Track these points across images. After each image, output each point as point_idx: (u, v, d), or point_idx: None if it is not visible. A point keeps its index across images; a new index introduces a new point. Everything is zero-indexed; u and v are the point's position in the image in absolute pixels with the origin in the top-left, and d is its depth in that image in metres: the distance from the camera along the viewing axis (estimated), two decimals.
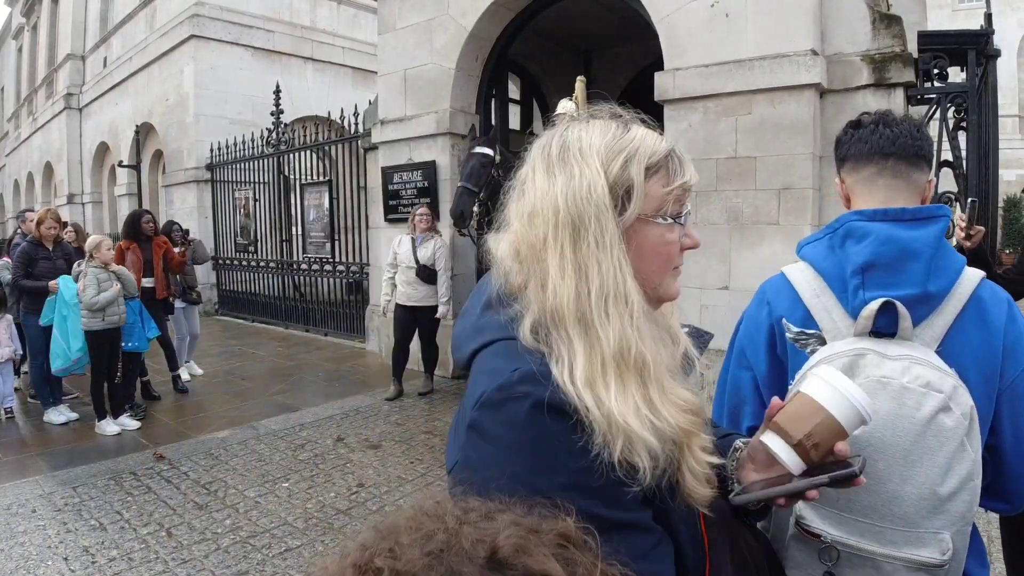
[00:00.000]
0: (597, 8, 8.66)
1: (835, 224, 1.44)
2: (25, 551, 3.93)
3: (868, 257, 1.34)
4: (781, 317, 1.48)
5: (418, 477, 4.93)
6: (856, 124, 1.54)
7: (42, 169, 24.47)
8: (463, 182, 6.07)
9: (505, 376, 0.88)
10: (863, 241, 1.36)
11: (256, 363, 9.13)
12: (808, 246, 1.51)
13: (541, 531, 0.60)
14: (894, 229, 1.34)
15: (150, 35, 16.50)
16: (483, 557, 0.55)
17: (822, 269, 1.44)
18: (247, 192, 12.79)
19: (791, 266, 1.53)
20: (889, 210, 1.38)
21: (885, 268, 1.33)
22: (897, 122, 1.47)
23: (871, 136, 1.48)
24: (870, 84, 5.45)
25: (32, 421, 6.64)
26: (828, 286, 1.42)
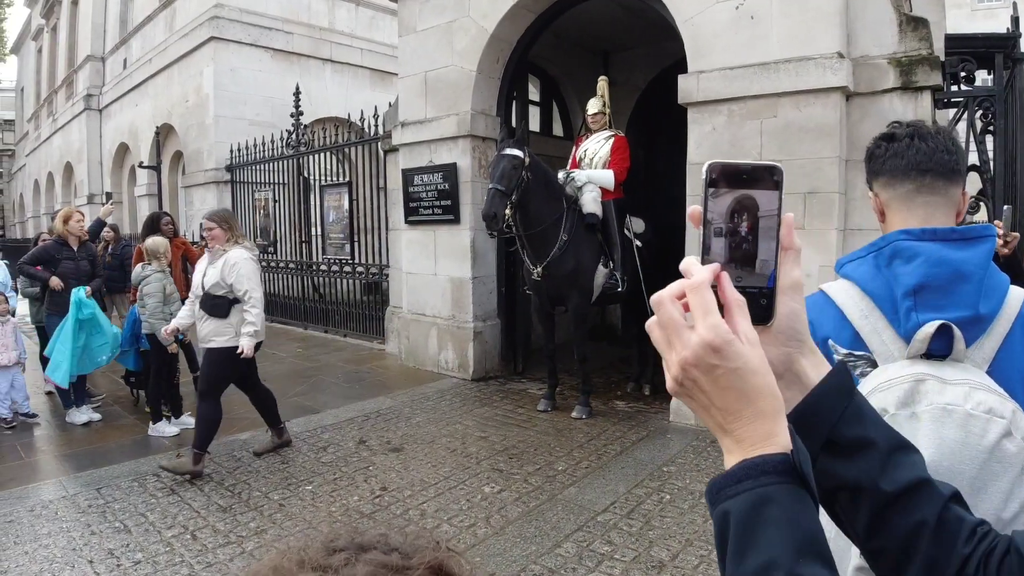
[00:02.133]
0: (618, 10, 8.62)
1: (880, 243, 1.41)
2: (49, 553, 3.95)
3: (920, 279, 1.32)
4: (827, 338, 1.44)
5: (441, 480, 4.93)
6: (890, 137, 1.51)
7: (62, 169, 24.67)
8: (495, 183, 6.05)
9: None
10: (913, 262, 1.33)
11: (276, 364, 9.15)
12: (850, 264, 1.48)
13: (410, 568, 0.58)
14: (944, 250, 1.32)
15: (170, 37, 16.62)
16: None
17: (869, 289, 1.41)
18: (267, 193, 12.86)
19: (832, 284, 1.50)
20: (938, 229, 1.35)
21: (937, 290, 1.30)
22: (932, 135, 1.45)
23: (906, 151, 1.45)
24: (897, 87, 5.40)
25: (55, 422, 6.69)
26: (877, 307, 1.39)
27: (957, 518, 0.76)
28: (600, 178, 6.72)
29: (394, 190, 9.22)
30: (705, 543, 3.92)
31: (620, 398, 7.17)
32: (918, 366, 1.28)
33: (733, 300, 0.69)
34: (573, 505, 4.48)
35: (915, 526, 0.75)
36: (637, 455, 5.44)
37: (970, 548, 0.74)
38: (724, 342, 0.65)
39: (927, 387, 1.25)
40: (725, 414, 0.67)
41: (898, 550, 0.76)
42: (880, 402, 1.27)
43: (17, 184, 35.94)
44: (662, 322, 0.70)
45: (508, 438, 5.87)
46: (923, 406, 1.23)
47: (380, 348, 9.91)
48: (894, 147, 1.47)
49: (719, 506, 0.66)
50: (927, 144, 1.43)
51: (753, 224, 0.72)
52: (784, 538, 0.61)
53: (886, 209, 1.51)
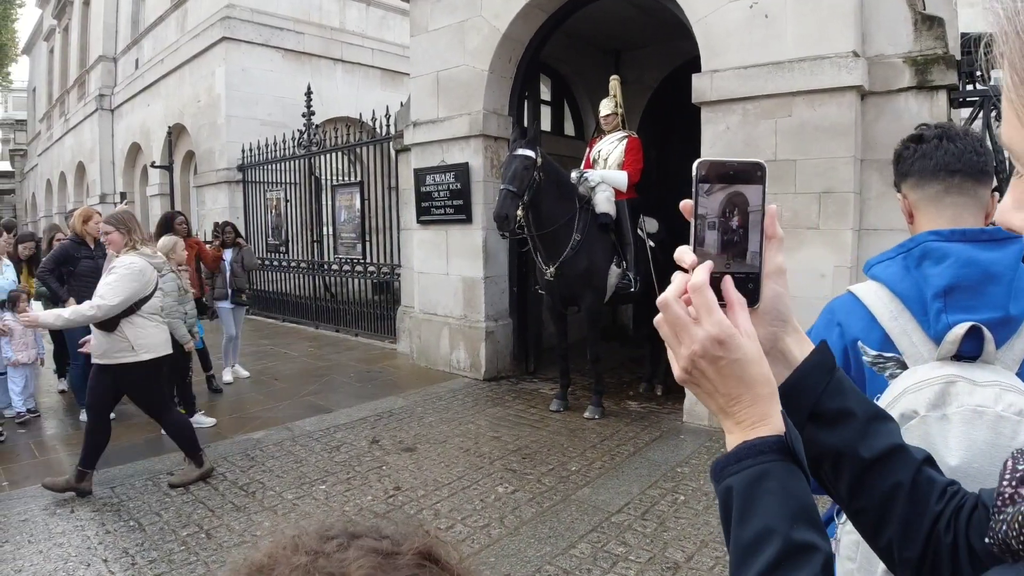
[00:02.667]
0: (630, 9, 8.61)
1: (909, 244, 1.41)
2: (64, 552, 3.96)
3: (950, 280, 1.31)
4: (856, 340, 1.44)
5: (454, 480, 4.92)
6: (918, 138, 1.51)
7: (74, 169, 24.82)
8: (506, 184, 6.03)
9: None
10: (942, 263, 1.33)
11: (288, 363, 9.19)
12: (879, 265, 1.47)
13: (399, 553, 0.61)
14: (974, 251, 1.32)
15: (181, 37, 16.69)
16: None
17: (899, 290, 1.40)
18: (278, 193, 12.90)
19: (860, 286, 1.50)
20: (967, 231, 1.35)
21: (967, 291, 1.30)
22: (960, 136, 1.45)
23: (935, 152, 1.45)
24: (912, 86, 5.37)
25: (68, 420, 6.72)
26: (906, 308, 1.38)
27: (929, 479, 0.83)
28: (614, 179, 6.70)
29: (406, 190, 9.23)
30: (720, 545, 3.90)
31: (632, 398, 7.15)
32: (948, 368, 1.27)
33: (735, 299, 0.77)
34: (587, 506, 4.47)
35: (891, 487, 0.82)
36: (650, 456, 5.42)
37: (941, 505, 0.81)
38: (728, 336, 0.74)
39: (957, 389, 1.24)
40: (727, 399, 0.76)
41: (877, 509, 0.83)
42: (911, 404, 1.26)
43: (29, 184, 36.16)
44: (669, 320, 0.78)
45: (521, 438, 5.86)
46: (953, 408, 1.23)
47: (391, 347, 9.93)
48: (922, 148, 1.47)
49: (723, 482, 0.74)
50: (956, 145, 1.43)
51: (743, 219, 0.79)
52: (780, 507, 0.70)
53: (914, 210, 1.50)
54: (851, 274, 5.38)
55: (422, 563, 0.61)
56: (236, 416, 6.72)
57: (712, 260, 0.78)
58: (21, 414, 6.70)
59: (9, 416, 6.72)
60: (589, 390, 6.85)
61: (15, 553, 3.93)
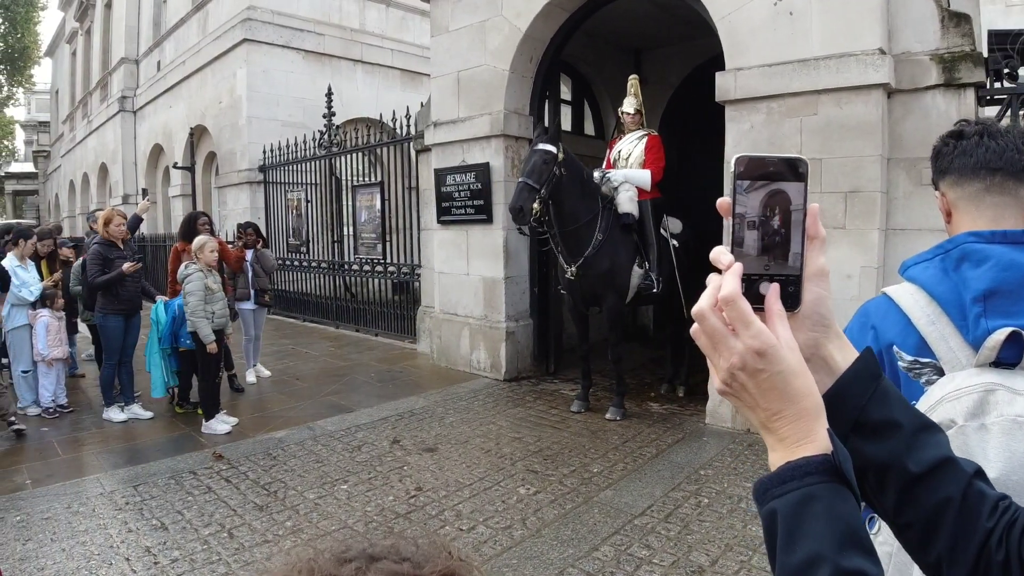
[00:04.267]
0: (650, 7, 8.56)
1: (947, 245, 1.36)
2: (87, 551, 3.98)
3: (990, 284, 1.26)
4: (891, 344, 1.39)
5: (476, 482, 4.90)
6: (958, 135, 1.45)
7: (97, 170, 25.10)
8: (524, 177, 6.01)
9: None
10: (982, 266, 1.28)
11: (309, 363, 9.22)
12: (916, 267, 1.42)
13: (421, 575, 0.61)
14: (1015, 253, 1.27)
15: (203, 39, 16.82)
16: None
17: (936, 294, 1.35)
18: (299, 193, 12.97)
19: (897, 288, 1.45)
20: (1008, 232, 1.30)
21: (1008, 295, 1.25)
22: (1002, 134, 1.39)
23: (976, 149, 1.39)
24: (939, 84, 5.29)
25: (91, 419, 6.77)
26: (944, 312, 1.33)
27: (980, 493, 0.79)
28: (637, 178, 6.65)
29: (426, 190, 9.23)
30: (745, 548, 3.85)
31: (654, 399, 7.10)
32: (987, 375, 1.22)
33: (775, 310, 0.74)
34: (609, 508, 4.43)
35: (941, 502, 0.78)
36: (673, 458, 5.37)
37: (993, 522, 0.78)
38: (768, 347, 0.71)
39: (997, 397, 1.19)
40: (769, 413, 0.73)
41: (925, 524, 0.79)
42: (948, 413, 1.22)
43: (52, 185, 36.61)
44: (707, 331, 0.75)
45: (542, 439, 5.84)
46: (992, 417, 1.18)
47: (411, 347, 9.93)
48: (962, 145, 1.42)
49: (766, 505, 0.71)
50: (997, 143, 1.38)
51: (785, 218, 0.75)
52: (828, 531, 0.66)
53: (953, 209, 1.45)
54: (878, 275, 5.30)
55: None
56: (258, 415, 6.74)
57: (751, 262, 0.75)
58: (51, 411, 6.82)
59: (34, 415, 6.79)
60: (610, 391, 6.80)
61: (38, 551, 3.96)
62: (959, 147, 1.43)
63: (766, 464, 0.73)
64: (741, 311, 0.72)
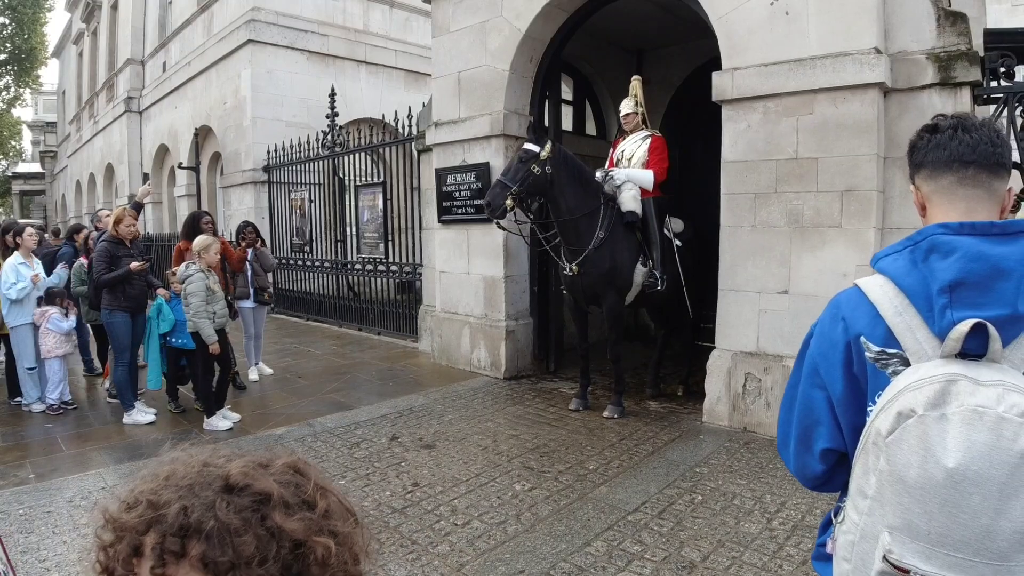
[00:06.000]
0: (651, 8, 8.59)
1: (917, 236, 1.37)
2: (87, 543, 3.99)
3: (956, 275, 1.27)
4: (859, 335, 1.41)
5: (472, 477, 4.94)
6: (933, 128, 1.46)
7: (103, 170, 25.22)
8: (500, 175, 6.19)
9: None
10: (950, 257, 1.29)
11: (311, 361, 9.27)
12: (886, 259, 1.43)
13: (271, 464, 0.83)
14: (983, 245, 1.28)
15: (208, 40, 16.90)
16: (218, 485, 0.77)
17: (904, 285, 1.36)
18: (303, 193, 13.04)
19: (867, 279, 1.46)
20: (977, 224, 1.31)
21: (974, 287, 1.26)
22: (976, 127, 1.41)
23: (950, 142, 1.41)
24: (935, 83, 5.31)
25: (94, 416, 6.83)
26: (911, 303, 1.35)
27: None
28: (639, 178, 6.67)
29: (427, 190, 9.27)
30: (737, 544, 3.88)
31: (653, 398, 7.12)
32: (952, 366, 1.24)
33: None
34: (604, 504, 4.46)
35: None
36: (669, 455, 5.40)
37: None
38: None
39: (959, 388, 1.21)
40: None
41: None
42: (909, 402, 1.23)
43: (59, 185, 36.81)
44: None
45: (539, 436, 5.87)
46: (953, 408, 1.19)
47: (413, 346, 9.98)
48: (936, 138, 1.43)
49: None
50: (971, 136, 1.39)
51: None
52: None
53: (927, 203, 1.47)
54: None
55: (288, 470, 0.83)
56: (259, 413, 6.80)
57: None
58: (55, 407, 6.86)
59: (39, 411, 6.85)
60: (609, 390, 6.83)
61: (39, 544, 4.01)
62: (933, 141, 1.44)
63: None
64: None
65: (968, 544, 1.18)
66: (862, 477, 1.34)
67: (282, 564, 0.74)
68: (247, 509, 0.75)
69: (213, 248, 6.33)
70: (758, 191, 5.88)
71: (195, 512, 0.73)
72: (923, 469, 1.20)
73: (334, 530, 0.80)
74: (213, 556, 0.71)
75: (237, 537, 0.72)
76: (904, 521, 1.23)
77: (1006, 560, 1.16)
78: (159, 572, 0.72)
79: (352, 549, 0.82)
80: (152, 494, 0.77)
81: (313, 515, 0.79)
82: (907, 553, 1.23)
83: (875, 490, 1.28)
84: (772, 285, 5.84)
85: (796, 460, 1.61)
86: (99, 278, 6.40)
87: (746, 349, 6.02)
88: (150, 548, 0.73)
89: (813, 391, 1.53)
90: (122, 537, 0.77)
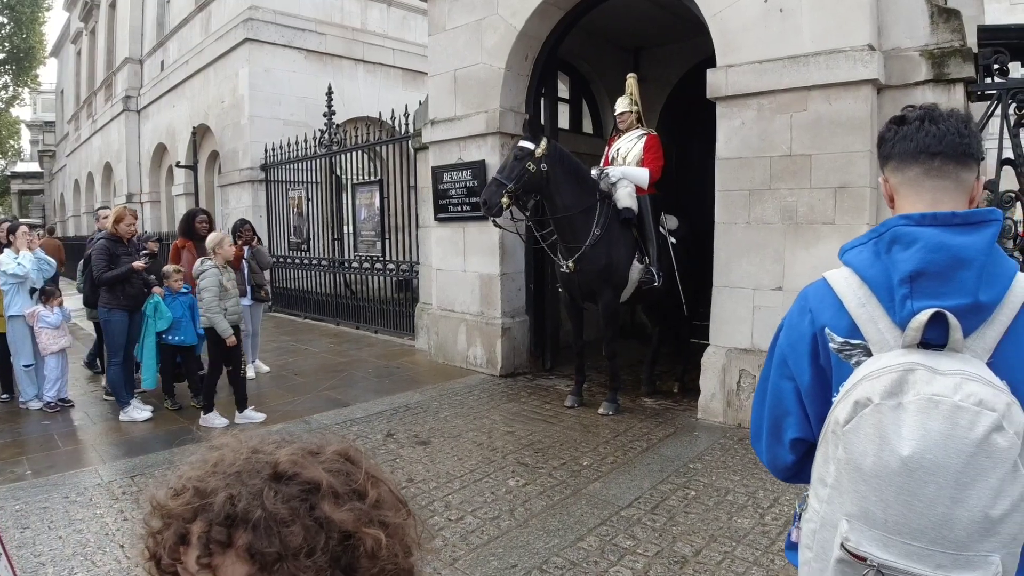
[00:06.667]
0: (647, 5, 8.60)
1: (880, 228, 1.38)
2: (83, 538, 4.05)
3: (917, 265, 1.28)
4: (824, 326, 1.42)
5: (466, 473, 4.96)
6: (900, 120, 1.46)
7: (102, 169, 25.25)
8: (496, 173, 6.21)
9: None
10: (911, 248, 1.30)
11: (308, 359, 9.29)
12: (852, 251, 1.44)
13: (321, 451, 0.81)
14: (944, 235, 1.29)
15: (205, 39, 16.91)
16: (267, 473, 0.75)
17: (867, 276, 1.38)
18: (300, 192, 13.05)
19: (834, 272, 1.47)
20: (939, 214, 1.31)
21: (935, 277, 1.27)
22: (944, 118, 1.40)
23: (916, 134, 1.41)
24: (929, 80, 5.32)
25: (91, 412, 6.84)
26: (874, 294, 1.36)
27: None
28: (634, 175, 6.69)
29: (424, 188, 9.29)
30: (729, 539, 3.90)
31: (648, 395, 7.14)
32: (912, 356, 1.25)
33: None
34: (597, 500, 4.48)
35: None
36: (663, 451, 5.42)
37: None
38: None
39: (916, 377, 1.22)
40: None
41: None
42: (866, 391, 1.24)
43: (58, 184, 36.80)
44: None
45: (534, 433, 5.89)
46: (910, 396, 1.20)
47: (410, 344, 9.99)
48: (904, 130, 1.43)
49: None
50: (938, 127, 1.39)
51: None
52: None
53: (895, 195, 1.47)
54: None
55: (340, 460, 0.81)
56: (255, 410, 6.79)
57: None
58: (52, 404, 6.87)
59: (36, 408, 6.87)
60: (605, 387, 6.85)
61: (35, 539, 4.03)
62: (900, 132, 1.44)
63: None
64: None
65: (925, 533, 1.19)
66: (822, 466, 1.35)
67: (330, 556, 0.72)
68: (295, 499, 0.74)
69: (227, 243, 6.33)
70: (752, 188, 5.89)
71: (242, 501, 0.73)
72: (879, 457, 1.21)
73: (384, 521, 0.79)
74: (260, 547, 0.70)
75: (284, 528, 0.71)
76: (861, 509, 1.24)
77: (964, 549, 1.17)
78: (205, 562, 0.71)
79: (403, 541, 0.81)
80: (199, 481, 0.76)
81: (363, 505, 0.78)
82: (864, 541, 1.25)
83: (834, 478, 1.30)
84: (766, 282, 5.85)
85: (768, 451, 1.63)
86: (99, 276, 6.41)
87: (740, 346, 6.03)
88: (196, 537, 0.73)
89: (782, 382, 1.55)
90: (169, 524, 0.76)
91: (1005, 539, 1.17)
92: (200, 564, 0.71)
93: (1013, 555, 1.19)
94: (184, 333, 6.64)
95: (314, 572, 0.71)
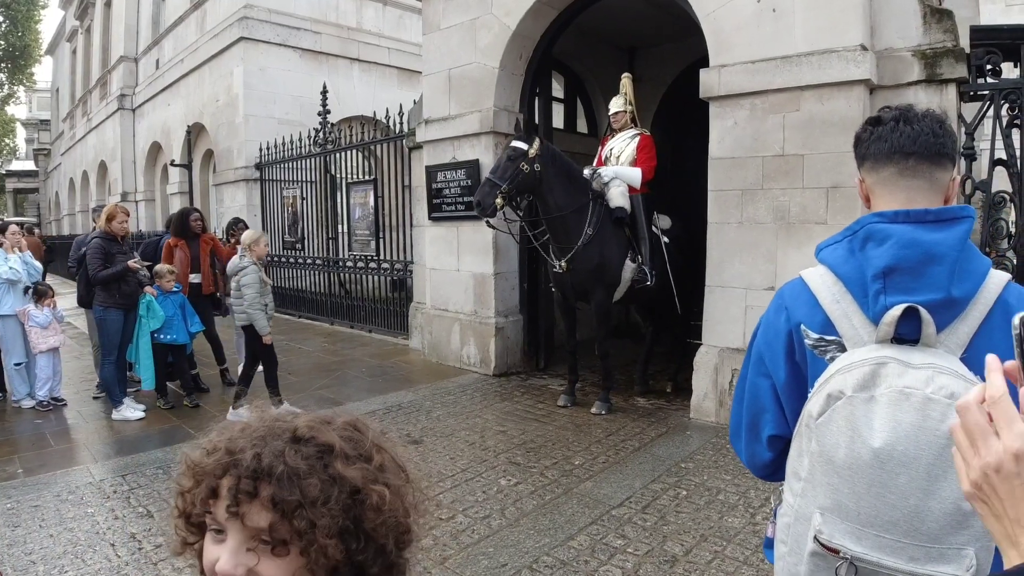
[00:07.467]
0: (642, 5, 8.61)
1: (855, 226, 1.40)
2: (73, 536, 4.05)
3: (889, 261, 1.30)
4: (800, 323, 1.44)
5: (458, 472, 4.96)
6: (876, 121, 1.48)
7: (96, 168, 25.19)
8: (489, 174, 6.20)
9: None
10: (884, 244, 1.31)
11: (302, 358, 9.28)
12: (827, 249, 1.46)
13: (332, 421, 0.94)
14: (916, 231, 1.30)
15: (200, 37, 16.87)
16: (287, 436, 0.88)
17: (841, 273, 1.39)
18: (295, 191, 13.02)
19: (810, 270, 1.49)
20: (911, 211, 1.33)
21: (907, 272, 1.28)
22: (918, 118, 1.42)
23: (891, 134, 1.42)
24: (921, 80, 5.33)
25: (83, 411, 6.83)
26: (848, 291, 1.38)
27: None
28: (627, 175, 6.69)
29: (418, 187, 9.28)
30: (720, 539, 3.90)
31: (641, 395, 7.14)
32: (884, 350, 1.26)
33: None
34: (588, 499, 4.48)
35: None
36: (655, 451, 5.43)
37: None
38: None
39: (888, 370, 1.23)
40: (1016, 525, 0.66)
41: None
42: (839, 384, 1.26)
43: (53, 182, 36.71)
44: (967, 427, 0.70)
45: (527, 432, 5.89)
46: (881, 389, 1.22)
47: (404, 343, 9.98)
48: (879, 131, 1.45)
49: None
50: (912, 127, 1.40)
51: None
52: None
53: (871, 194, 1.49)
54: None
55: (350, 428, 0.94)
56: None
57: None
58: (45, 403, 6.85)
59: (28, 407, 6.85)
60: (598, 386, 6.85)
61: (26, 537, 4.03)
62: (875, 133, 1.45)
63: None
64: (1007, 410, 0.67)
65: (897, 525, 1.19)
66: (796, 459, 1.36)
67: (342, 507, 0.84)
68: (312, 457, 0.86)
69: (263, 241, 6.35)
70: (745, 188, 5.90)
71: (267, 458, 0.84)
72: (850, 449, 1.22)
73: (387, 482, 0.91)
74: (282, 496, 0.82)
75: (303, 480, 0.83)
76: (834, 502, 1.25)
77: (937, 542, 1.18)
78: (233, 510, 0.83)
79: (404, 501, 0.93)
80: (229, 442, 0.88)
81: (369, 467, 0.90)
82: (837, 533, 1.26)
83: (807, 472, 1.31)
84: (759, 281, 5.86)
85: (747, 449, 1.64)
86: (95, 275, 6.39)
87: (733, 345, 6.04)
88: (226, 489, 0.84)
89: (759, 379, 1.57)
90: (201, 480, 0.87)
91: (978, 532, 1.18)
92: (229, 512, 0.83)
93: (987, 549, 1.20)
94: (176, 332, 6.64)
95: (329, 519, 0.83)
